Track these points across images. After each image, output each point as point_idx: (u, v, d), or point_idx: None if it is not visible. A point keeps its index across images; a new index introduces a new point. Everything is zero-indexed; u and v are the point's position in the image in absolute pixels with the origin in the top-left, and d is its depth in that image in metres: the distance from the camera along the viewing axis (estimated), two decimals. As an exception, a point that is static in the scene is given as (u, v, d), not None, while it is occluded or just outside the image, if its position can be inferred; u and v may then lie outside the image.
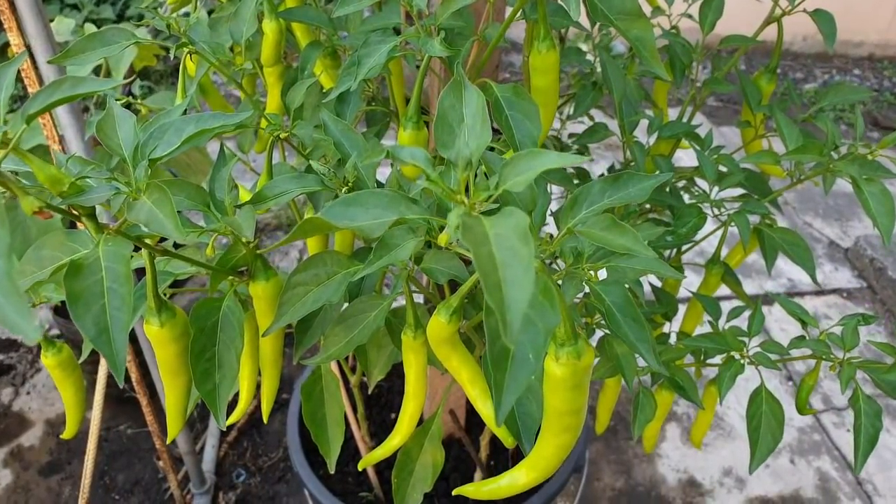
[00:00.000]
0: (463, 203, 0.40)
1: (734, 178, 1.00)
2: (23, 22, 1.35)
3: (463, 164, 0.41)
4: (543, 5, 0.74)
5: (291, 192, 0.66)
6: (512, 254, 0.34)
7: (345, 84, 0.74)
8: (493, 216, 0.37)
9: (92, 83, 0.41)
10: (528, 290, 0.32)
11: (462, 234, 0.35)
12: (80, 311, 0.45)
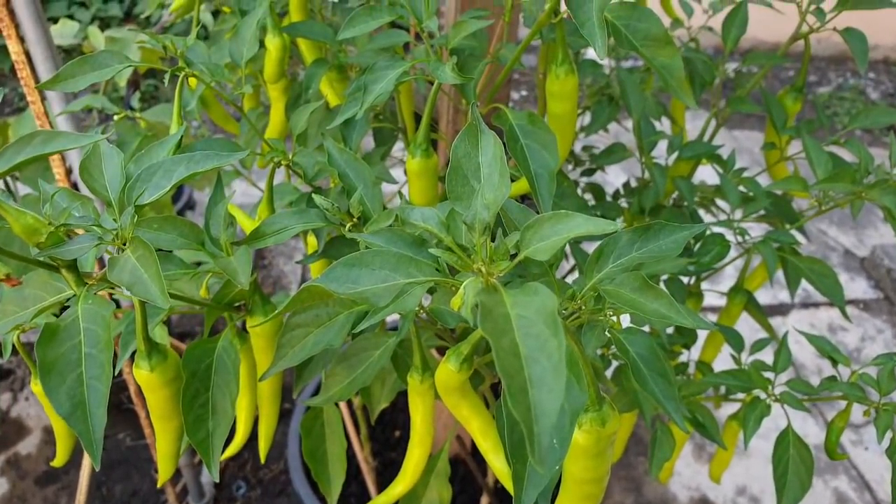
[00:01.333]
0: (480, 272, 0.35)
1: (759, 203, 0.95)
2: (22, 28, 1.31)
3: (480, 228, 0.37)
4: (562, 28, 0.70)
5: (292, 229, 0.62)
6: (539, 345, 0.30)
7: (350, 110, 0.70)
8: (514, 291, 0.33)
9: (66, 139, 0.37)
10: (559, 395, 0.28)
11: (481, 320, 0.30)
12: (52, 383, 0.41)
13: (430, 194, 0.78)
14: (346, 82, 1.02)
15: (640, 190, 1.08)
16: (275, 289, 2.65)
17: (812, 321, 2.81)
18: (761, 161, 3.49)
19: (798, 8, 1.00)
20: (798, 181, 0.90)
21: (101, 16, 4.05)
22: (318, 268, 0.85)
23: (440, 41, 0.74)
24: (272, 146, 0.74)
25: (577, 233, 0.35)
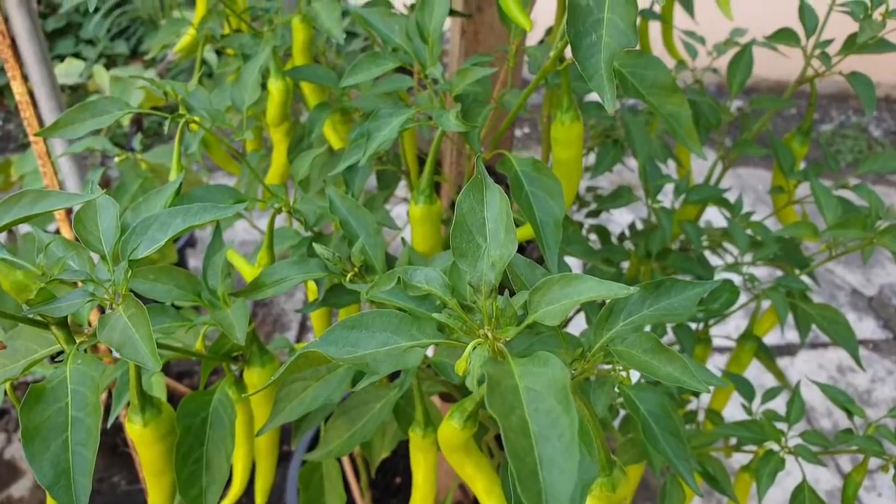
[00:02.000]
0: (486, 338, 0.34)
1: (768, 249, 0.94)
2: (27, 69, 1.32)
3: (486, 290, 0.35)
4: (567, 75, 0.69)
5: (292, 279, 0.60)
6: (550, 422, 0.28)
7: (353, 157, 0.69)
8: (523, 361, 0.31)
9: (56, 199, 0.36)
10: (571, 476, 0.26)
11: (487, 395, 0.28)
12: (36, 449, 0.39)
13: (433, 240, 0.77)
14: (350, 125, 1.02)
15: (646, 233, 1.07)
16: (275, 328, 2.63)
17: (820, 362, 2.77)
18: (766, 199, 3.48)
19: (803, 52, 0.99)
20: (808, 227, 0.89)
21: (108, 53, 4.10)
22: (319, 316, 0.84)
23: (444, 87, 0.73)
24: (273, 192, 0.73)
25: (587, 296, 0.33)
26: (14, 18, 1.25)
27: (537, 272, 0.45)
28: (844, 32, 1.00)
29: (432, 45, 0.70)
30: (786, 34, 0.98)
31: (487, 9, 1.02)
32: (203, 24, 1.07)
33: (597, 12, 0.46)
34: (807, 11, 0.99)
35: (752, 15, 1.74)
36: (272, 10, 0.89)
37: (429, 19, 0.69)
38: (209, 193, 0.66)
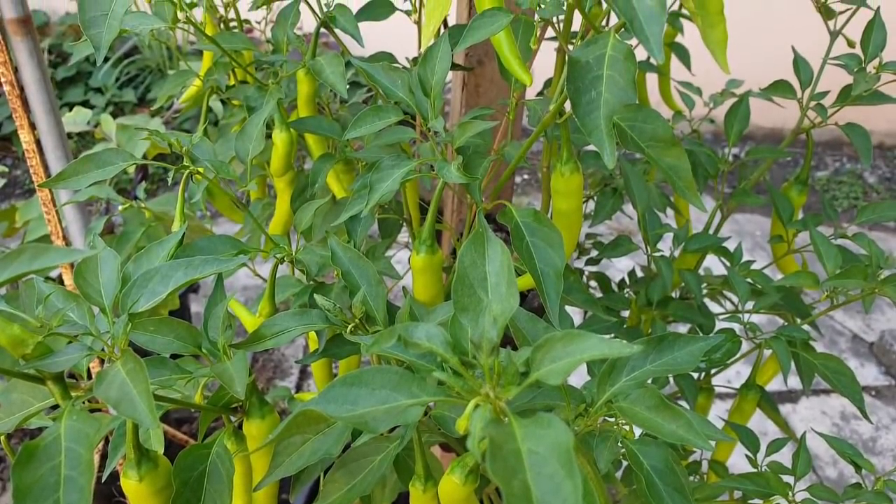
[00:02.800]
0: (487, 398, 0.33)
1: (769, 298, 0.94)
2: (34, 117, 1.34)
3: (488, 348, 0.35)
4: (566, 127, 0.70)
5: (292, 331, 0.60)
6: (554, 488, 0.27)
7: (356, 208, 0.69)
8: (526, 422, 0.31)
9: (56, 255, 0.36)
10: (574, 545, 0.25)
11: (489, 460, 0.28)
12: (29, 509, 0.39)
13: (435, 289, 0.77)
14: (353, 174, 1.03)
15: (647, 282, 1.07)
16: (275, 373, 2.61)
17: (823, 408, 2.74)
18: (763, 245, 3.49)
19: (799, 104, 1.01)
20: (808, 276, 0.89)
21: (116, 101, 4.17)
22: (319, 365, 0.83)
23: (445, 139, 0.74)
24: (275, 242, 0.74)
25: (591, 355, 0.33)
26: (24, 69, 1.28)
27: (539, 326, 0.45)
28: (838, 82, 1.01)
29: (434, 98, 0.71)
30: (782, 86, 1.00)
31: (488, 62, 1.05)
32: (209, 75, 1.09)
33: (596, 69, 0.47)
34: (801, 64, 1.01)
35: (747, 65, 1.78)
36: (277, 62, 0.90)
37: (431, 74, 0.70)
38: (212, 244, 0.67)
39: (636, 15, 0.37)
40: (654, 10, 0.37)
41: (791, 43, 1.31)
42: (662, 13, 0.37)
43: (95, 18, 0.62)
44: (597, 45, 0.47)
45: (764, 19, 3.57)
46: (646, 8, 0.37)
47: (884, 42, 0.95)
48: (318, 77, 0.83)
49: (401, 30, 1.14)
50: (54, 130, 1.36)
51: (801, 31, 1.74)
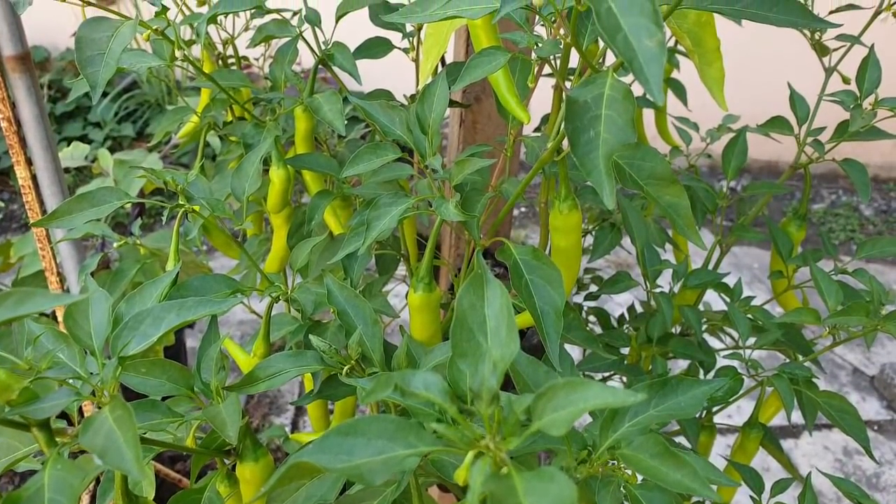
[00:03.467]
0: (487, 450, 0.32)
1: (770, 335, 0.92)
2: (32, 154, 1.34)
3: (488, 398, 0.34)
4: (564, 165, 0.70)
5: (287, 373, 0.59)
6: (556, 547, 0.26)
7: (352, 246, 0.69)
8: (528, 475, 0.29)
9: (43, 300, 0.35)
10: None
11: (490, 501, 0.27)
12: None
13: (432, 328, 0.76)
14: (350, 209, 1.02)
15: (646, 318, 1.06)
16: (271, 409, 2.57)
17: (826, 443, 2.71)
18: (762, 277, 3.49)
19: (796, 140, 1.01)
20: (810, 313, 0.88)
21: (115, 135, 4.19)
22: (315, 406, 0.82)
23: (443, 176, 0.74)
24: (270, 280, 0.73)
25: (594, 404, 0.32)
26: (22, 105, 1.28)
27: (540, 370, 0.43)
28: (834, 116, 1.02)
29: (432, 136, 0.71)
30: (779, 122, 1.00)
31: (485, 99, 1.05)
32: (207, 111, 1.09)
33: (594, 109, 0.46)
34: (798, 101, 1.01)
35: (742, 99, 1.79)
36: (275, 100, 0.91)
37: (429, 112, 0.70)
38: (206, 283, 0.66)
39: (635, 56, 0.37)
40: (654, 52, 0.36)
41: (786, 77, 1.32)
42: (662, 54, 0.36)
43: (92, 57, 0.62)
44: (595, 84, 0.47)
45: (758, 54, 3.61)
46: (645, 49, 0.36)
47: (879, 79, 0.95)
48: (315, 114, 0.82)
49: (399, 66, 1.14)
50: (51, 166, 1.36)
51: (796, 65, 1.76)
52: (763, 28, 1.35)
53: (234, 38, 1.14)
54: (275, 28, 0.92)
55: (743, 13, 0.57)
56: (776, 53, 3.40)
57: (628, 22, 0.38)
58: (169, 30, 0.76)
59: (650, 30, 0.37)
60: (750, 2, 0.58)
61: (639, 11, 0.38)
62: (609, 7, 0.39)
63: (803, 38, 1.03)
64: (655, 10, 0.38)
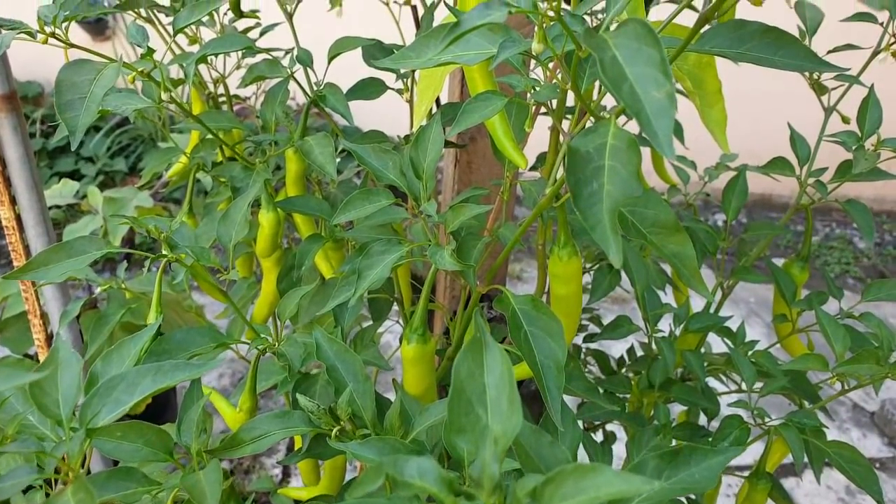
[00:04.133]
0: (490, 545, 0.29)
1: (777, 382, 0.89)
2: (16, 193, 1.31)
3: (489, 486, 0.31)
4: (563, 211, 0.67)
5: (273, 436, 0.55)
6: None
7: (343, 296, 0.66)
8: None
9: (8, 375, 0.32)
10: None
11: None
12: None
13: (427, 381, 0.73)
14: (342, 252, 0.99)
15: (648, 363, 1.03)
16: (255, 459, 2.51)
17: (828, 482, 2.66)
18: (759, 312, 3.47)
19: (798, 180, 0.99)
20: (818, 360, 0.85)
21: (107, 170, 4.17)
22: (305, 462, 0.78)
23: (438, 220, 0.71)
24: (257, 332, 0.69)
25: (606, 493, 0.29)
26: (7, 145, 1.25)
27: (543, 441, 0.40)
28: (834, 155, 1.00)
29: (426, 180, 0.69)
30: (780, 163, 0.98)
31: (480, 139, 1.03)
32: (196, 151, 1.07)
33: (597, 159, 0.44)
34: (798, 141, 1.00)
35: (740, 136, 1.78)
36: (265, 142, 0.88)
37: (423, 156, 0.68)
38: (189, 337, 0.62)
39: (643, 108, 0.34)
40: (663, 104, 0.34)
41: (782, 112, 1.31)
42: (672, 106, 0.34)
43: (72, 102, 0.60)
44: (597, 133, 0.45)
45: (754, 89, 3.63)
46: (653, 101, 0.34)
47: (880, 119, 0.94)
48: (306, 158, 0.80)
49: (392, 106, 1.13)
50: (36, 206, 1.33)
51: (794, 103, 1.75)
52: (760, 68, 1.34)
53: (225, 77, 1.12)
54: (266, 68, 0.90)
55: (748, 56, 0.55)
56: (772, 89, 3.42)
57: (634, 72, 0.35)
58: (156, 71, 0.73)
59: (658, 80, 0.35)
60: (755, 45, 0.56)
61: (645, 60, 0.36)
62: (613, 55, 0.37)
63: (800, 75, 1.02)
64: (663, 58, 0.36)
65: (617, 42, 0.37)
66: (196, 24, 1.00)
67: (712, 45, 0.55)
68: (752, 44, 0.56)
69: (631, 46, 0.36)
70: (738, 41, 0.56)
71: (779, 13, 0.95)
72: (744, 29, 0.56)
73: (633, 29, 0.37)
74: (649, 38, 0.36)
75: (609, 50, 0.37)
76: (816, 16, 1.02)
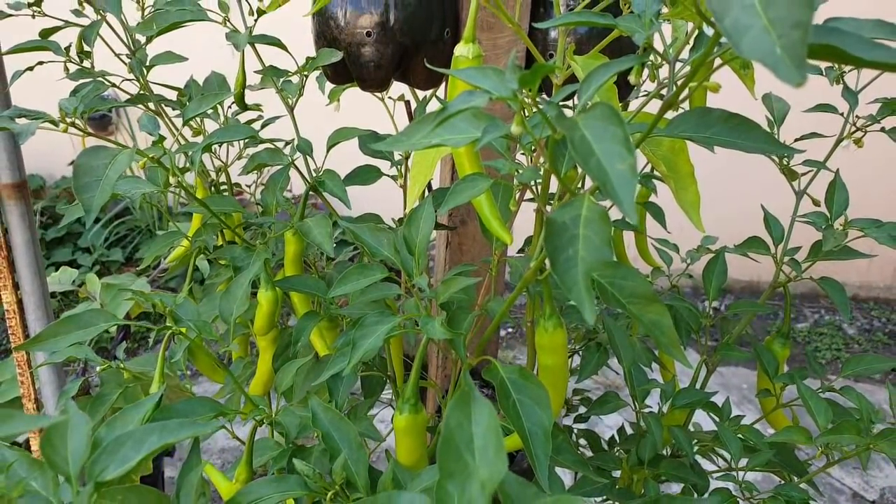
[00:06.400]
0: (476, 574, 0.31)
1: (763, 455, 0.91)
2: (19, 278, 1.35)
3: (476, 520, 0.33)
4: (548, 284, 0.71)
5: (269, 499, 0.57)
6: None
7: (338, 366, 0.68)
8: None
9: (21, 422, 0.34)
10: None
11: None
12: None
13: (419, 452, 0.74)
14: (337, 331, 1.02)
15: (636, 440, 1.04)
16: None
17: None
18: (750, 397, 3.46)
19: (773, 259, 1.04)
20: (801, 432, 0.87)
21: (104, 260, 4.22)
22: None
23: (430, 295, 0.75)
24: (254, 403, 0.72)
25: (583, 524, 0.31)
26: (15, 231, 1.30)
27: (529, 492, 0.42)
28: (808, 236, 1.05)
29: (419, 256, 0.73)
30: (755, 242, 1.03)
31: (471, 221, 1.08)
32: (197, 236, 1.12)
33: (572, 229, 0.48)
34: (772, 222, 1.05)
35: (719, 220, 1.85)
36: (266, 224, 0.93)
37: (415, 234, 0.72)
38: (190, 406, 0.65)
39: (608, 178, 0.39)
40: (626, 175, 0.39)
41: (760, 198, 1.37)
42: (634, 177, 0.39)
43: (89, 184, 0.65)
44: (573, 206, 0.49)
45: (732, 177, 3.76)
46: (617, 172, 0.39)
47: (846, 201, 1.00)
48: (306, 237, 0.85)
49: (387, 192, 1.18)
50: (38, 291, 1.36)
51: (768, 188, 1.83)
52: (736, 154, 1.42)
53: (228, 165, 1.18)
54: (267, 156, 0.96)
55: (714, 140, 0.61)
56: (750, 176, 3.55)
57: (601, 148, 0.40)
58: (165, 157, 0.79)
59: (622, 154, 0.39)
60: (720, 130, 0.61)
61: (610, 138, 0.41)
62: (583, 135, 0.42)
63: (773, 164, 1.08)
64: (626, 137, 0.41)
65: (586, 123, 0.42)
66: (201, 116, 1.07)
67: (681, 130, 0.61)
68: (716, 128, 0.62)
69: (598, 126, 0.42)
70: (703, 126, 0.61)
71: (755, 106, 1.04)
72: (709, 115, 0.61)
73: (600, 111, 0.42)
74: (614, 119, 0.41)
75: (579, 130, 0.42)
76: (783, 107, 1.10)
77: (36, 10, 1.10)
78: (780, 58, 0.33)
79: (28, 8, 1.10)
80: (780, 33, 0.33)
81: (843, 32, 0.43)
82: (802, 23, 0.33)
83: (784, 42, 0.33)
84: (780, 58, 0.33)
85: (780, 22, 0.34)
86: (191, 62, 1.06)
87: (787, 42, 0.33)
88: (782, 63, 0.32)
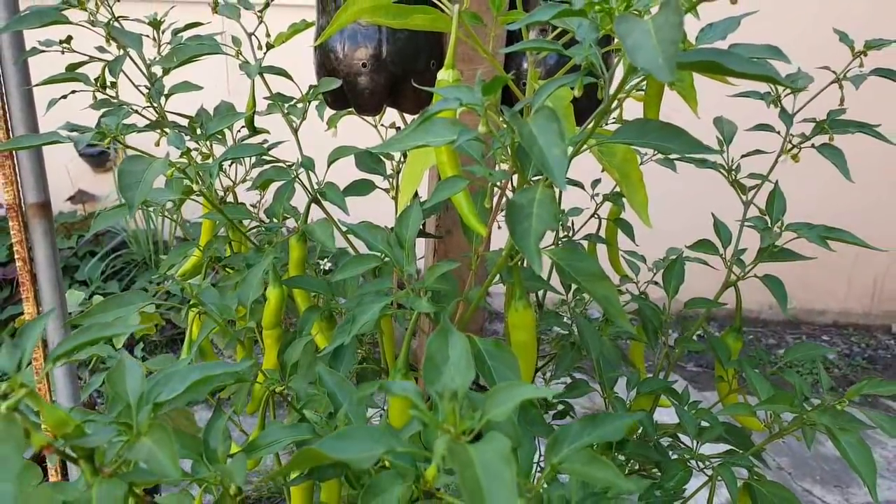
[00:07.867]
0: (449, 432, 0.43)
1: (714, 431, 1.03)
2: (41, 291, 1.46)
3: (449, 396, 0.45)
4: (518, 271, 0.84)
5: (283, 441, 0.68)
6: (496, 476, 0.37)
7: (340, 339, 0.80)
8: (477, 443, 0.41)
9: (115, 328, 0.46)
10: None
11: (449, 458, 0.38)
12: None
13: (409, 415, 0.86)
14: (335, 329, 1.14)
15: (606, 424, 1.15)
16: None
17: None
18: (735, 419, 3.56)
19: (722, 259, 1.17)
20: (744, 407, 0.99)
21: (100, 293, 4.31)
22: (298, 493, 0.89)
23: (418, 285, 0.87)
24: (267, 375, 0.83)
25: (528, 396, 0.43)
26: (38, 247, 1.42)
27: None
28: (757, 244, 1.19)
29: (408, 250, 0.85)
30: (705, 245, 1.17)
31: (456, 231, 1.21)
32: (209, 247, 1.24)
33: (528, 208, 0.61)
34: (721, 227, 1.19)
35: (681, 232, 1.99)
36: (275, 229, 1.06)
37: (406, 230, 0.85)
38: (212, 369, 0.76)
39: (546, 160, 0.52)
40: (559, 157, 0.52)
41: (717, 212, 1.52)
42: (565, 159, 0.52)
43: (131, 184, 0.77)
44: (529, 191, 0.62)
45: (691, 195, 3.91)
46: (553, 155, 0.52)
47: (784, 208, 1.14)
48: (310, 237, 0.97)
49: (380, 203, 1.32)
50: (56, 303, 1.47)
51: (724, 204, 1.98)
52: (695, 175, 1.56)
53: (236, 184, 1.31)
54: (274, 173, 1.09)
55: (650, 144, 0.74)
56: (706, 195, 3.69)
57: (542, 139, 0.54)
58: (189, 168, 0.92)
59: (557, 143, 0.53)
60: (655, 136, 0.74)
61: (550, 132, 0.54)
62: (530, 129, 0.55)
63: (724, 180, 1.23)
64: (561, 132, 0.54)
65: (533, 121, 0.56)
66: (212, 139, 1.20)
67: (624, 136, 0.74)
68: (652, 135, 0.75)
69: (542, 123, 0.55)
70: (641, 134, 0.75)
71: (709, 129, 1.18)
72: (647, 125, 0.75)
73: (543, 113, 0.56)
74: (553, 118, 0.55)
75: (527, 126, 0.55)
76: (731, 128, 1.25)
77: (66, 47, 1.24)
78: (661, 65, 0.46)
79: (59, 45, 1.24)
80: (662, 49, 0.47)
81: (729, 53, 0.57)
82: (675, 41, 0.46)
83: (664, 55, 0.47)
84: (661, 65, 0.46)
85: (663, 41, 0.47)
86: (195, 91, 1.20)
87: (666, 55, 0.46)
88: (663, 69, 0.46)
